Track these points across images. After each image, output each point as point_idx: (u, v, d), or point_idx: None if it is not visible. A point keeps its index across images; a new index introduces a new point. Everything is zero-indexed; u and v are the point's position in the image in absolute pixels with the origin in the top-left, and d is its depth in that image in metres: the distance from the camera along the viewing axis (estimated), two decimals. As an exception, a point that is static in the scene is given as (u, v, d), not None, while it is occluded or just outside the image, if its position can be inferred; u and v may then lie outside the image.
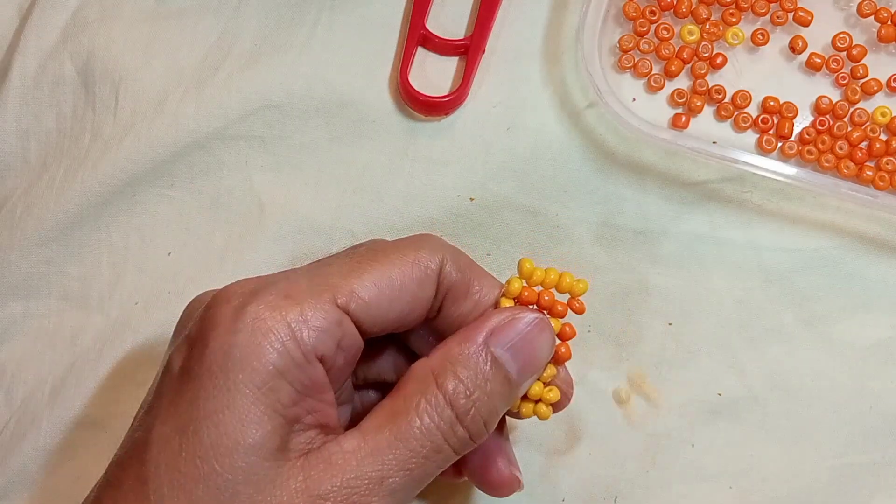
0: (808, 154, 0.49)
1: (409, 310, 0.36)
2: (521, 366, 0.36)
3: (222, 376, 0.32)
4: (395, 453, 0.33)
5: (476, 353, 0.35)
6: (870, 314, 0.48)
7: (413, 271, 0.36)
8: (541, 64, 0.50)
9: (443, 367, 0.35)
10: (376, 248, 0.37)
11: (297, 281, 0.35)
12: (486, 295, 0.38)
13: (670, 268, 0.49)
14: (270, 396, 0.33)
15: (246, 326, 0.33)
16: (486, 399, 0.34)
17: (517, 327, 0.36)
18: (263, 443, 0.32)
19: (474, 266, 0.38)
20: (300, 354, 0.33)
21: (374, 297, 0.35)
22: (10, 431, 0.47)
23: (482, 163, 0.49)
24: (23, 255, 0.48)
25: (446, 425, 0.34)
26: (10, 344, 0.48)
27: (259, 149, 0.50)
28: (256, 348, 0.33)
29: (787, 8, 0.50)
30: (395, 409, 0.34)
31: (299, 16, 0.51)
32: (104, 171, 0.48)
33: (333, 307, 0.34)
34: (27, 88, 0.50)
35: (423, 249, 0.37)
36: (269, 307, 0.33)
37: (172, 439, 0.33)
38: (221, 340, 0.33)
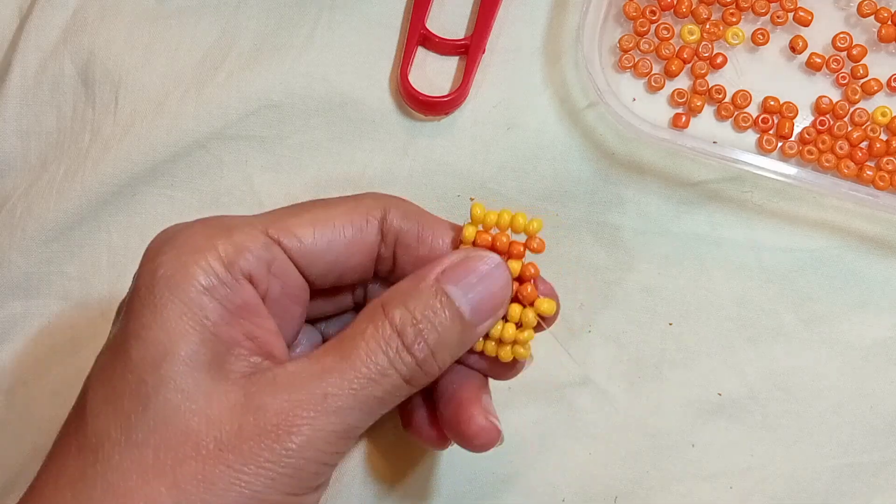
0: (808, 154, 0.49)
1: (350, 253, 0.36)
2: (474, 304, 0.35)
3: (148, 296, 0.33)
4: (339, 373, 0.33)
5: (426, 288, 0.35)
6: (870, 314, 0.48)
7: (353, 216, 0.36)
8: (541, 64, 0.50)
9: (391, 298, 0.35)
10: (318, 200, 0.37)
11: (231, 217, 0.36)
12: (439, 239, 0.38)
13: (670, 268, 0.49)
14: (197, 312, 0.33)
15: (173, 249, 0.34)
16: (434, 330, 0.34)
17: (469, 265, 0.36)
18: (193, 356, 0.32)
19: (424, 214, 0.38)
20: (225, 272, 0.33)
21: (309, 235, 0.35)
22: (10, 431, 0.47)
23: (482, 163, 0.49)
24: (23, 255, 0.48)
25: (393, 351, 0.34)
26: (10, 344, 0.48)
27: (259, 149, 0.50)
28: (181, 267, 0.33)
29: (787, 8, 0.50)
30: (342, 337, 0.34)
31: (299, 16, 0.51)
32: (104, 171, 0.48)
33: (262, 234, 0.35)
34: (27, 88, 0.50)
35: (365, 198, 0.37)
36: (197, 232, 0.34)
37: (105, 364, 0.33)
38: (150, 264, 0.34)
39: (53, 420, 0.47)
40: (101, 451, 0.32)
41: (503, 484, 0.46)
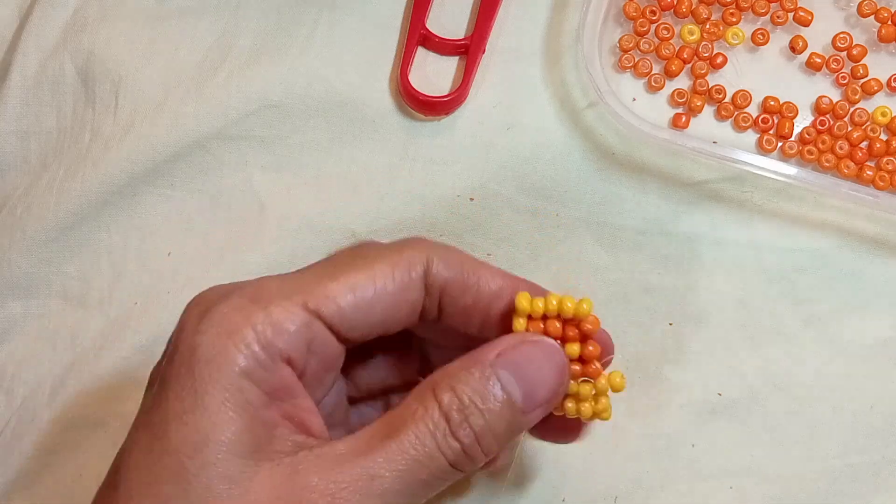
0: (808, 154, 0.49)
1: (392, 314, 0.35)
2: (525, 390, 0.34)
3: (188, 377, 0.32)
4: (387, 454, 0.32)
5: (478, 372, 0.34)
6: (870, 314, 0.48)
7: (395, 274, 0.35)
8: (541, 64, 0.50)
9: (441, 380, 0.34)
10: (357, 253, 0.36)
11: (268, 286, 0.34)
12: (485, 285, 0.36)
13: (670, 268, 0.49)
14: (238, 396, 0.32)
15: (211, 328, 0.33)
16: (481, 416, 0.33)
17: (524, 351, 0.35)
18: (236, 440, 0.32)
19: (468, 260, 0.37)
20: (265, 355, 0.33)
21: (350, 302, 0.34)
22: (10, 431, 0.47)
23: (482, 163, 0.49)
24: (23, 254, 0.48)
25: (440, 434, 0.33)
26: (10, 344, 0.48)
27: (259, 149, 0.50)
28: (221, 349, 0.32)
29: (787, 8, 0.50)
30: (391, 417, 0.34)
31: (299, 16, 0.51)
32: (104, 170, 0.48)
33: (301, 309, 0.33)
34: (27, 88, 0.50)
35: (406, 251, 0.35)
36: (234, 309, 0.33)
37: (142, 442, 0.32)
38: (188, 342, 0.33)
39: (53, 420, 0.47)
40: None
41: (503, 484, 0.46)
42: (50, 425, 0.47)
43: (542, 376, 0.35)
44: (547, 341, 0.35)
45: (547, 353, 0.35)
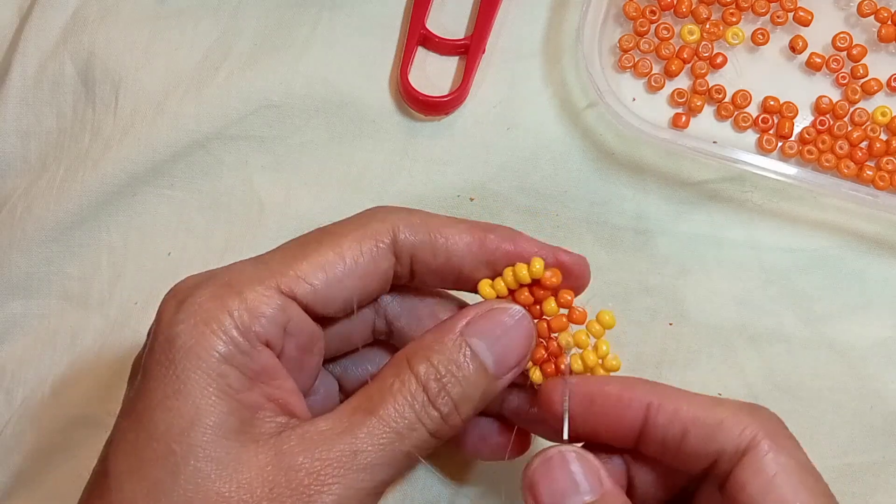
0: (808, 154, 0.49)
1: (365, 286, 0.36)
2: (497, 356, 0.35)
3: (169, 366, 0.33)
4: (368, 429, 0.33)
5: (450, 341, 0.35)
6: (870, 314, 0.48)
7: (363, 247, 0.35)
8: (541, 64, 0.50)
9: (416, 352, 0.35)
10: (325, 231, 0.36)
11: (241, 270, 0.35)
12: (454, 244, 0.37)
13: (670, 268, 0.49)
14: (220, 381, 0.33)
15: (188, 317, 0.33)
16: (458, 384, 0.34)
17: (493, 318, 0.36)
18: (220, 423, 0.32)
19: (433, 220, 0.37)
20: (243, 340, 0.33)
21: (322, 280, 0.35)
22: (10, 431, 0.47)
23: (482, 163, 0.49)
24: (23, 255, 0.48)
25: (419, 405, 0.34)
26: (10, 344, 0.48)
27: (259, 149, 0.50)
28: (199, 336, 0.33)
29: (787, 8, 0.50)
30: (369, 391, 0.34)
31: (299, 16, 0.51)
32: (104, 170, 0.48)
33: (276, 292, 0.34)
34: (27, 88, 0.50)
35: (372, 222, 0.36)
36: (209, 297, 0.34)
37: (128, 431, 0.33)
38: (166, 333, 0.33)
39: (53, 420, 0.47)
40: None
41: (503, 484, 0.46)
42: (50, 425, 0.47)
43: (511, 341, 0.36)
44: (513, 307, 0.36)
45: (514, 319, 0.36)
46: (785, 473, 0.34)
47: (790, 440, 0.34)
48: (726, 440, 0.34)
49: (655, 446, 0.35)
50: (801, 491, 0.34)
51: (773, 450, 0.34)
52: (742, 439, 0.34)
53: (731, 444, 0.34)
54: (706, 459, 0.34)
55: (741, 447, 0.34)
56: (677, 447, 0.35)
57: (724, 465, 0.34)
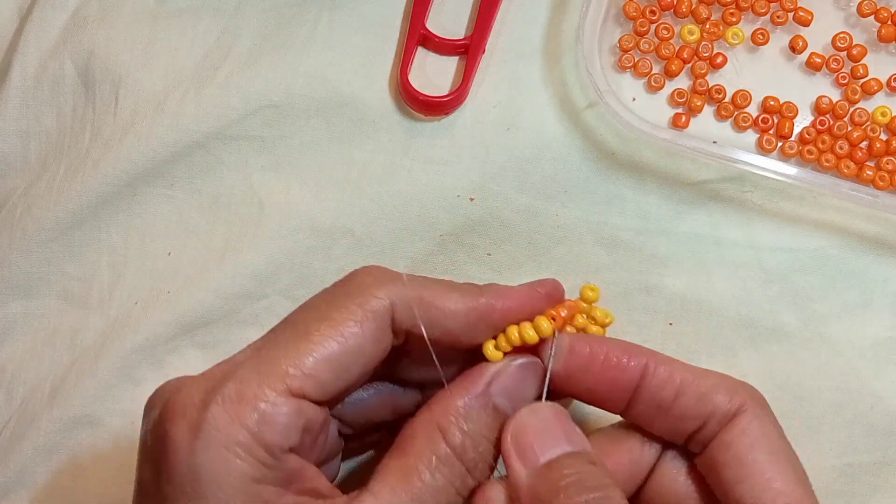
0: (808, 154, 0.49)
1: (367, 368, 0.36)
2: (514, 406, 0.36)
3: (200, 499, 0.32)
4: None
5: (478, 404, 0.36)
6: (870, 314, 0.48)
7: (365, 331, 0.35)
8: (541, 64, 0.50)
9: (447, 420, 0.35)
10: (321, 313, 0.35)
11: (247, 377, 0.34)
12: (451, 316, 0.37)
13: (670, 268, 0.49)
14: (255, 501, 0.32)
15: (208, 445, 0.32)
16: (490, 447, 0.35)
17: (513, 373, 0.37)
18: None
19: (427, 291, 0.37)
20: (269, 457, 0.33)
21: (330, 374, 0.34)
22: (10, 431, 0.47)
23: (482, 163, 0.49)
24: (23, 255, 0.48)
25: (458, 480, 0.34)
26: (10, 344, 0.48)
27: (259, 149, 0.50)
28: (225, 464, 0.32)
29: (787, 8, 0.50)
30: (406, 467, 0.34)
31: (299, 16, 0.51)
32: (104, 170, 0.48)
33: (289, 398, 0.33)
34: (27, 88, 0.50)
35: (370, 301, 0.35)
36: (225, 417, 0.33)
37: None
38: (187, 462, 0.32)
39: (53, 420, 0.47)
40: None
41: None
42: (50, 425, 0.47)
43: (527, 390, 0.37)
44: (531, 360, 0.37)
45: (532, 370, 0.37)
46: (768, 439, 0.36)
47: (772, 414, 0.37)
48: (718, 402, 0.36)
49: (646, 409, 0.37)
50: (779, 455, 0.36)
51: (759, 417, 0.36)
52: (733, 403, 0.36)
53: (722, 406, 0.36)
54: (695, 422, 0.36)
55: (731, 411, 0.36)
56: (668, 408, 0.37)
57: (711, 426, 0.36)
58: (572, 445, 0.35)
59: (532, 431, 0.36)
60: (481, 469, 0.35)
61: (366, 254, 0.48)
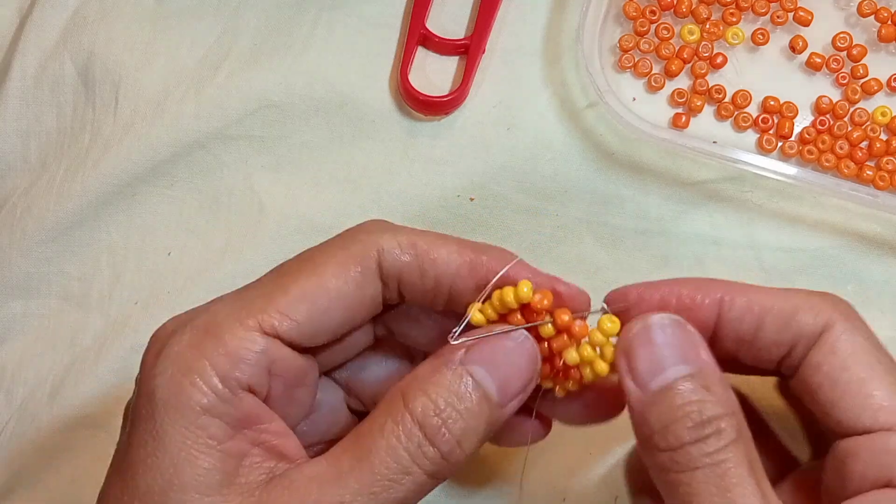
0: (808, 154, 0.49)
1: (351, 314, 0.34)
2: (500, 383, 0.33)
3: (150, 420, 0.32)
4: (357, 476, 0.31)
5: (450, 372, 0.33)
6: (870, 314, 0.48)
7: (347, 274, 0.34)
8: (541, 64, 0.50)
9: (411, 386, 0.33)
10: (305, 257, 0.34)
11: (219, 311, 0.33)
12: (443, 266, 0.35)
13: (670, 268, 0.49)
14: (200, 434, 0.31)
15: (165, 368, 0.32)
16: (459, 417, 0.32)
17: (495, 343, 0.34)
18: (202, 479, 0.31)
19: (420, 240, 0.35)
20: (223, 388, 0.32)
21: (305, 315, 0.33)
22: (10, 431, 0.47)
23: (482, 163, 0.49)
24: (23, 254, 0.49)
25: (413, 445, 0.32)
26: (10, 344, 0.48)
27: (259, 149, 0.50)
28: (177, 388, 0.32)
29: (787, 8, 0.50)
30: (360, 431, 0.33)
31: (299, 16, 0.51)
32: (104, 170, 0.48)
33: (257, 333, 0.32)
34: (27, 88, 0.50)
35: (354, 245, 0.34)
36: (188, 345, 0.32)
37: (114, 486, 0.32)
38: (147, 385, 0.32)
39: (53, 420, 0.47)
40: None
41: (504, 484, 0.46)
42: (50, 425, 0.47)
43: (514, 366, 0.34)
44: (518, 331, 0.34)
45: (517, 343, 0.34)
46: (860, 352, 0.33)
47: (863, 323, 0.34)
48: (802, 324, 0.34)
49: (730, 343, 0.35)
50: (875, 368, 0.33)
51: (848, 331, 0.34)
52: (817, 322, 0.34)
53: (807, 328, 0.34)
54: (782, 349, 0.34)
55: (817, 330, 0.34)
56: (752, 340, 0.34)
57: (800, 350, 0.34)
58: (688, 365, 0.32)
59: (642, 350, 0.33)
60: (445, 438, 0.32)
61: (366, 254, 0.48)
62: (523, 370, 0.34)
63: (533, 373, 0.34)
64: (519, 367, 0.34)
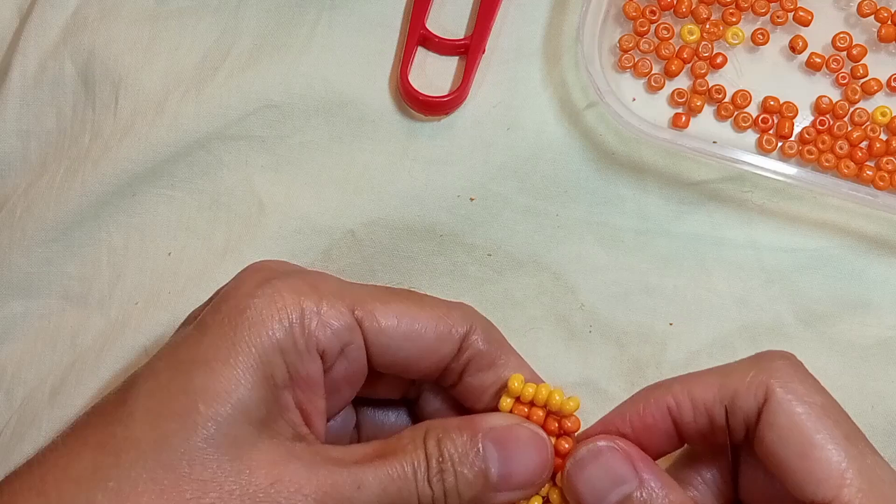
0: (808, 154, 0.49)
1: (422, 358, 0.36)
2: (503, 471, 0.35)
3: (230, 330, 0.33)
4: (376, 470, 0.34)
5: (468, 436, 0.35)
6: (870, 314, 0.48)
7: (438, 325, 0.36)
8: (541, 64, 0.50)
9: (436, 427, 0.35)
10: (414, 292, 0.37)
11: (326, 281, 0.36)
12: (511, 371, 0.37)
13: (670, 268, 0.49)
14: (267, 369, 0.33)
15: (266, 295, 0.34)
16: (452, 475, 0.34)
17: (517, 435, 0.36)
18: (251, 406, 0.33)
19: (504, 342, 0.38)
20: (303, 340, 0.34)
21: (391, 328, 0.35)
22: (10, 431, 0.47)
23: (482, 163, 0.49)
24: (23, 254, 0.48)
25: (420, 474, 0.34)
26: (10, 344, 0.48)
27: (259, 149, 0.50)
28: (266, 318, 0.33)
29: (787, 8, 0.50)
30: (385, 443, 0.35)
31: (299, 16, 0.51)
32: (104, 170, 0.48)
33: (349, 313, 0.35)
34: (27, 88, 0.50)
35: (455, 311, 0.37)
36: (291, 288, 0.34)
37: (162, 373, 0.33)
38: (242, 300, 0.34)
39: (53, 420, 0.47)
40: (125, 456, 0.32)
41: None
42: (50, 425, 0.47)
43: (525, 462, 0.36)
44: (541, 432, 0.36)
45: (537, 443, 0.36)
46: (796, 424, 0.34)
47: (803, 384, 0.35)
48: (745, 405, 0.35)
49: (697, 438, 0.36)
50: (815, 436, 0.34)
51: (786, 398, 0.34)
52: (758, 398, 0.34)
53: (750, 407, 0.35)
54: (741, 430, 0.35)
55: (759, 405, 0.34)
56: (712, 430, 0.36)
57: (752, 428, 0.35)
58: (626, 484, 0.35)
59: (580, 483, 0.35)
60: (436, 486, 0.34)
61: (366, 254, 0.49)
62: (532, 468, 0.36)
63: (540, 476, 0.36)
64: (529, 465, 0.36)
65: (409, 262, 0.49)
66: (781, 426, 0.34)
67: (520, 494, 0.36)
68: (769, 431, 0.34)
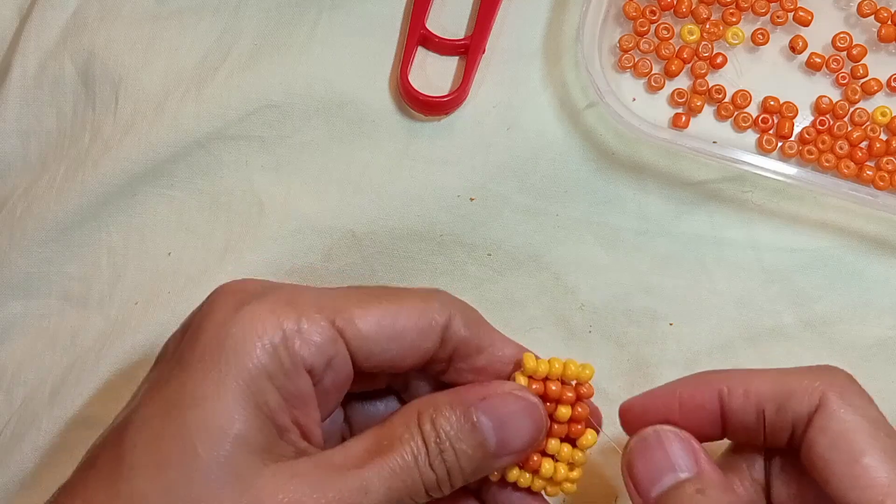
0: (808, 154, 0.49)
1: (407, 355, 0.36)
2: (499, 439, 0.35)
3: (213, 365, 0.33)
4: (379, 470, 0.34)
5: (461, 411, 0.35)
6: (870, 314, 0.48)
7: (418, 320, 0.36)
8: (541, 64, 0.50)
9: (427, 408, 0.35)
10: (389, 289, 0.37)
11: (303, 294, 0.35)
12: (498, 350, 0.38)
13: (670, 268, 0.49)
14: (258, 397, 0.33)
15: (243, 322, 0.33)
16: (452, 453, 0.35)
17: (508, 403, 0.36)
18: (249, 437, 0.32)
19: (485, 323, 0.38)
20: (289, 361, 0.33)
21: (373, 332, 0.35)
22: (10, 431, 0.47)
23: (482, 163, 0.49)
24: (23, 254, 0.48)
25: (421, 460, 0.34)
26: (10, 344, 0.48)
27: (259, 149, 0.50)
28: (249, 345, 0.33)
29: (787, 8, 0.50)
30: (380, 434, 0.35)
31: (299, 16, 0.51)
32: (104, 170, 0.48)
33: (329, 325, 0.34)
34: (27, 88, 0.50)
35: (433, 302, 0.37)
36: (268, 309, 0.34)
37: (154, 420, 0.33)
38: (217, 331, 0.33)
39: (53, 420, 0.47)
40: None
41: (503, 484, 0.46)
42: (50, 425, 0.47)
43: (519, 428, 0.36)
44: (530, 397, 0.37)
45: (528, 409, 0.36)
46: (851, 431, 0.34)
47: (860, 397, 0.35)
48: (798, 406, 0.35)
49: (740, 431, 0.36)
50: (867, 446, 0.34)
51: (841, 407, 0.34)
52: (811, 403, 0.35)
53: (802, 409, 0.35)
54: (785, 431, 0.35)
55: (810, 411, 0.35)
56: (757, 426, 0.36)
57: (799, 431, 0.35)
58: (683, 472, 0.35)
59: (640, 462, 0.36)
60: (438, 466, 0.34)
61: (366, 254, 0.49)
62: (527, 434, 0.36)
63: (533, 439, 0.37)
64: (524, 431, 0.36)
65: (409, 262, 0.49)
66: (833, 431, 0.34)
67: (519, 457, 0.37)
68: (821, 436, 0.34)
